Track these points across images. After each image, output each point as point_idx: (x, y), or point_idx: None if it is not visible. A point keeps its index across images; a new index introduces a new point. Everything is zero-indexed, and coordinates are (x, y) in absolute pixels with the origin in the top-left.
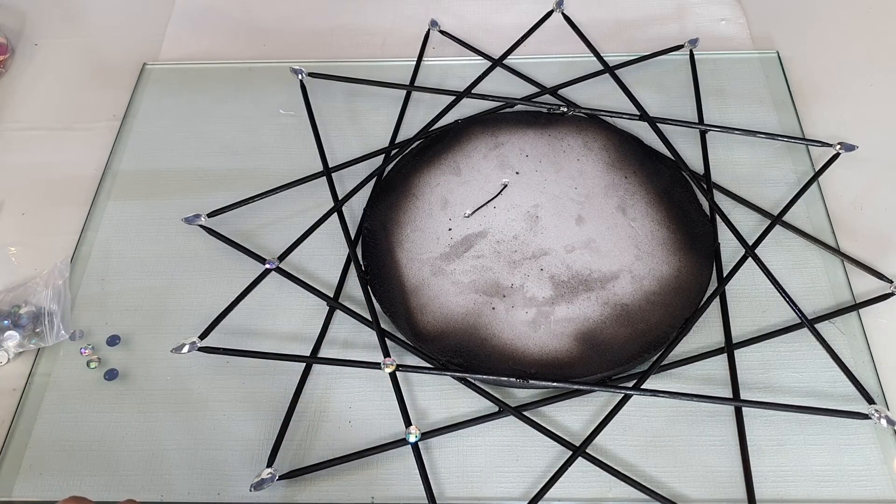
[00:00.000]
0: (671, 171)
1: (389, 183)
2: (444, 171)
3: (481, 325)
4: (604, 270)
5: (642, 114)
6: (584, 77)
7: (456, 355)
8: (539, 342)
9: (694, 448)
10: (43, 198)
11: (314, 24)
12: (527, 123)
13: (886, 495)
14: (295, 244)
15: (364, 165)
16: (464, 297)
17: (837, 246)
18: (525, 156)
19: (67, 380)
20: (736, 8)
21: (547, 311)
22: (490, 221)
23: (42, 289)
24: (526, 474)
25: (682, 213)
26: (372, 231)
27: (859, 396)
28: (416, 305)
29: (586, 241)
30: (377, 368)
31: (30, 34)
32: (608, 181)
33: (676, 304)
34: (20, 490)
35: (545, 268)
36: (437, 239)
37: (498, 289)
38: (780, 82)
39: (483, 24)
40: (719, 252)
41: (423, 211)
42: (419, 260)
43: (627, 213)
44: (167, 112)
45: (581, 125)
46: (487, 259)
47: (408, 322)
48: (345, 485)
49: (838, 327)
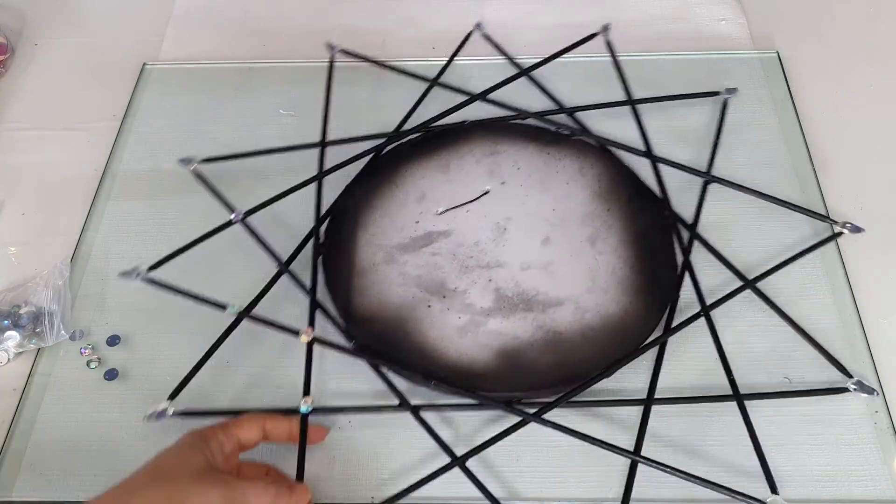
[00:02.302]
0: (657, 212)
1: (377, 166)
2: (432, 166)
3: (412, 318)
4: (550, 295)
5: (647, 151)
6: (605, 105)
7: (377, 342)
8: (461, 349)
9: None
10: (43, 198)
11: (314, 24)
12: (530, 138)
13: (886, 495)
14: (266, 203)
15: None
16: (405, 289)
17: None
18: (517, 168)
19: (67, 380)
20: (736, 8)
21: (480, 320)
22: (458, 224)
23: (42, 289)
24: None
25: (651, 256)
26: (343, 207)
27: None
28: (358, 286)
29: (545, 263)
30: (295, 336)
31: (30, 34)
32: (589, 210)
33: (612, 344)
34: (20, 490)
35: (494, 279)
36: (401, 229)
37: (441, 289)
38: (780, 82)
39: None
40: (676, 304)
41: (398, 199)
42: (377, 244)
43: (596, 245)
44: (167, 112)
45: (583, 150)
46: (442, 258)
47: (344, 300)
48: (345, 485)
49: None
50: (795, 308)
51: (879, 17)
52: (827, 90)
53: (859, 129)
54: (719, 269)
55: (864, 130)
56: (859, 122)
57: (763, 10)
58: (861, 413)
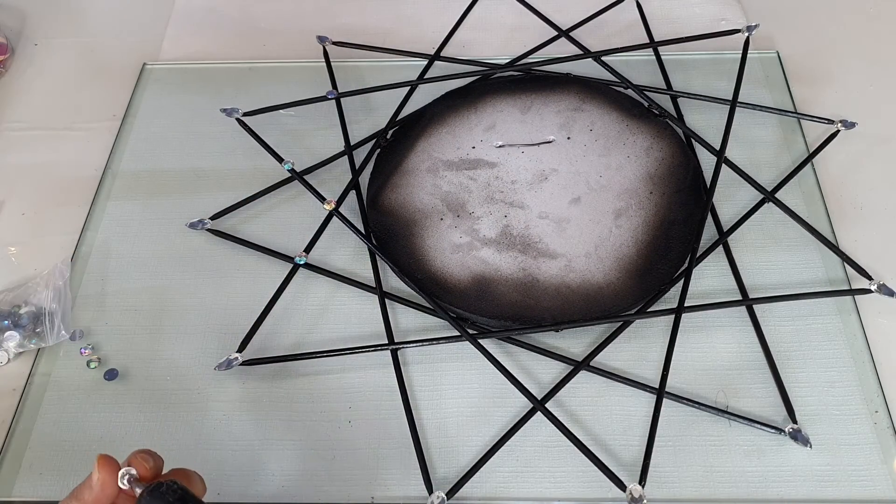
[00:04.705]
0: (699, 212)
1: (469, 89)
2: (515, 104)
3: (421, 224)
4: (549, 248)
5: (720, 149)
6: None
7: (385, 234)
8: (446, 262)
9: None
10: (43, 198)
11: (314, 24)
12: (618, 105)
13: (886, 495)
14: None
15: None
16: (430, 198)
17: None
18: (590, 129)
19: (67, 380)
20: (736, 8)
21: (476, 245)
22: (508, 160)
23: (42, 289)
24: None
25: (663, 247)
26: (420, 115)
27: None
28: (393, 182)
29: (562, 218)
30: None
31: (30, 34)
32: (633, 187)
33: (576, 307)
34: (20, 490)
35: (509, 216)
36: (457, 148)
37: (459, 209)
38: (781, 82)
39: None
40: (658, 296)
41: (469, 123)
42: (428, 153)
43: (620, 219)
44: (167, 112)
45: (661, 133)
46: (475, 184)
47: (376, 191)
48: (345, 485)
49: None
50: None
51: (879, 17)
52: (827, 90)
53: (859, 129)
54: (720, 279)
55: (864, 130)
56: (859, 122)
57: (763, 10)
58: (861, 413)
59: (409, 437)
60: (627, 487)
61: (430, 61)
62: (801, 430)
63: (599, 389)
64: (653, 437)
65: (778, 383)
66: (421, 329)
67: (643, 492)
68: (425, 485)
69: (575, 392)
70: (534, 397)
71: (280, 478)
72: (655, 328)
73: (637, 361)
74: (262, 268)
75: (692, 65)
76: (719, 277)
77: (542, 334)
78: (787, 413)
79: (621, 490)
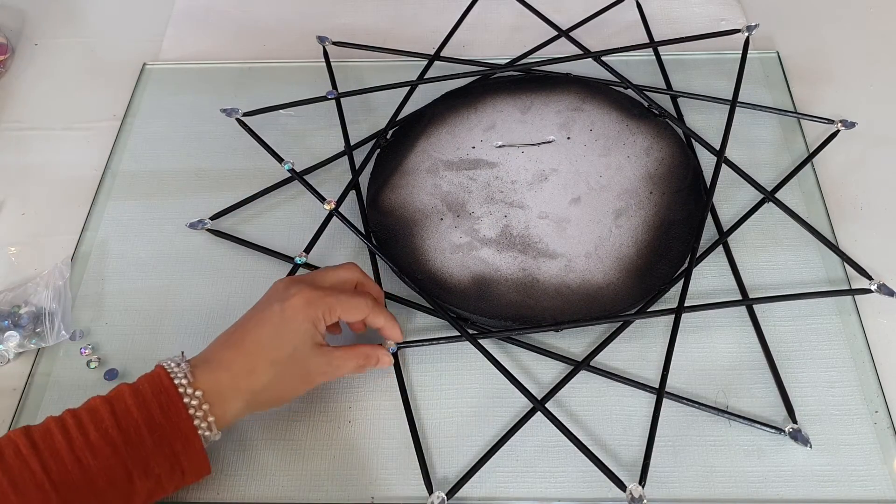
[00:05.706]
0: (698, 213)
1: (468, 89)
2: (515, 104)
3: (421, 224)
4: (549, 248)
5: (720, 149)
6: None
7: (385, 233)
8: (445, 263)
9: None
10: (43, 198)
11: (314, 24)
12: (617, 105)
13: (886, 495)
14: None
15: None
16: (430, 198)
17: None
18: (590, 129)
19: (67, 380)
20: (736, 8)
21: (476, 245)
22: (508, 160)
23: (42, 289)
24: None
25: (663, 247)
26: (420, 115)
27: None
28: (393, 182)
29: (562, 218)
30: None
31: (30, 34)
32: (633, 187)
33: (576, 308)
34: None
35: (509, 216)
36: (457, 148)
37: (459, 209)
38: (781, 82)
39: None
40: (658, 296)
41: (469, 123)
42: (428, 154)
43: (620, 219)
44: (167, 112)
45: (661, 133)
46: (475, 184)
47: (376, 190)
48: (345, 485)
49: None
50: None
51: (879, 17)
52: (827, 90)
53: (859, 129)
54: (720, 279)
55: (864, 130)
56: (859, 122)
57: (763, 10)
58: (861, 413)
59: (409, 437)
60: (627, 487)
61: (430, 61)
62: (801, 430)
63: (599, 389)
64: (653, 437)
65: (778, 383)
66: (421, 329)
67: (643, 492)
68: (425, 485)
69: (575, 392)
70: (534, 397)
71: (280, 478)
72: (655, 328)
73: (637, 361)
74: (262, 268)
75: (692, 65)
76: (719, 277)
77: (542, 334)
78: (787, 413)
79: (621, 490)
